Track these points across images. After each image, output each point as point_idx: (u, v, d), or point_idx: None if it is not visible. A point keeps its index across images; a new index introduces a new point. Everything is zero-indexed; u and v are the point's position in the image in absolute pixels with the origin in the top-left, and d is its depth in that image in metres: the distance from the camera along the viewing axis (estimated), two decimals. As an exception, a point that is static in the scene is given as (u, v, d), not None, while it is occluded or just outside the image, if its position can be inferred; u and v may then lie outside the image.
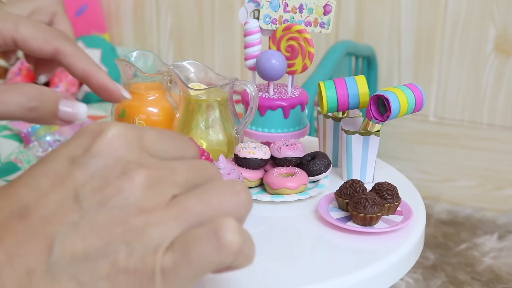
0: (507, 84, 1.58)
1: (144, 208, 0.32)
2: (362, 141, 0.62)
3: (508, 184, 1.63)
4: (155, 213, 0.32)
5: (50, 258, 0.30)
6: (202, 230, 0.32)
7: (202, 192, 0.33)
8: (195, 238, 0.32)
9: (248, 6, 0.66)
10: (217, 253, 0.31)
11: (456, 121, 1.65)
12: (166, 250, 0.31)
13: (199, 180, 0.35)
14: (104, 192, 0.31)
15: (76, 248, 0.31)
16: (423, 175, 1.70)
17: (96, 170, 0.32)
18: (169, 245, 0.32)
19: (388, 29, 1.65)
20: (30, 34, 0.48)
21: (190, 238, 0.32)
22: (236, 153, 0.60)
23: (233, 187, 0.34)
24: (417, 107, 0.60)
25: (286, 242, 0.53)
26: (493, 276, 1.31)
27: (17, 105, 0.44)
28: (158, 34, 1.91)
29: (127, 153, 0.33)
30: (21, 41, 0.48)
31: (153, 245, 0.31)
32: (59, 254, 0.30)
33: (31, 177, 0.33)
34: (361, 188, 0.56)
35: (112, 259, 0.31)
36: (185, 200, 0.33)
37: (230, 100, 0.64)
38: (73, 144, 0.34)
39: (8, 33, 0.48)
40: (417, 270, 1.32)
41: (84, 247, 0.31)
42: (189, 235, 0.32)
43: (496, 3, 1.53)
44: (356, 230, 0.53)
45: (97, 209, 0.31)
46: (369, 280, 0.48)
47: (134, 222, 0.31)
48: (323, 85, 0.62)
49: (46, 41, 0.48)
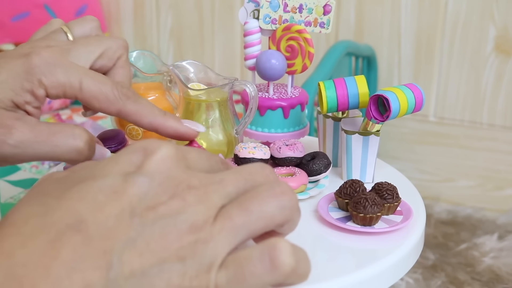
0: (507, 84, 1.58)
1: (195, 225, 0.32)
2: (362, 141, 0.62)
3: (508, 184, 1.63)
4: (204, 230, 0.32)
5: (109, 274, 0.30)
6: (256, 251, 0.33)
7: (243, 201, 0.34)
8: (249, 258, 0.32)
9: (248, 6, 0.66)
10: (270, 274, 0.32)
11: (456, 121, 1.65)
12: (220, 268, 0.32)
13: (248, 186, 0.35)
14: (158, 210, 0.32)
15: (133, 265, 0.31)
16: (423, 175, 1.70)
17: (151, 188, 0.33)
18: (221, 262, 0.32)
19: (388, 29, 1.65)
20: (92, 96, 0.49)
21: (244, 258, 0.33)
22: (236, 153, 0.60)
23: (273, 190, 0.34)
24: (417, 107, 0.60)
25: (286, 242, 0.53)
26: (493, 276, 1.31)
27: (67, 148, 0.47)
28: (158, 34, 1.91)
29: (177, 171, 0.34)
30: (84, 101, 0.49)
31: (206, 262, 0.32)
32: (118, 270, 0.31)
33: (86, 192, 0.33)
34: (361, 188, 0.56)
35: (168, 276, 0.31)
36: (228, 211, 0.33)
37: (230, 100, 0.64)
38: (124, 161, 0.34)
39: (72, 92, 0.49)
40: (417, 270, 1.32)
41: (141, 264, 0.31)
42: (243, 255, 0.33)
43: (496, 3, 1.53)
44: (356, 230, 0.53)
45: (152, 227, 0.32)
46: (369, 280, 0.48)
47: (187, 239, 0.32)
48: (323, 85, 0.62)
49: (109, 102, 0.49)
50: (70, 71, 0.49)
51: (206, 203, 0.33)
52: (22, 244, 0.31)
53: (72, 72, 0.49)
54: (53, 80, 0.48)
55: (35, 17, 1.76)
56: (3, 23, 1.74)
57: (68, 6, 1.80)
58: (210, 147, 0.63)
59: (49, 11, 1.77)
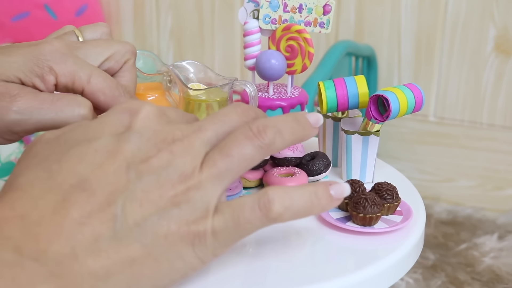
0: (507, 84, 1.58)
1: (184, 174, 0.36)
2: (362, 141, 0.62)
3: (508, 184, 1.63)
4: (193, 177, 0.36)
5: (115, 225, 0.34)
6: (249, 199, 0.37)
7: (223, 146, 0.37)
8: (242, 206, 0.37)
9: (247, 6, 0.66)
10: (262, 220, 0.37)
11: (456, 121, 1.65)
12: (215, 213, 0.36)
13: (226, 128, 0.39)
14: (150, 163, 0.36)
15: (135, 215, 0.34)
16: (423, 175, 1.70)
17: (141, 143, 0.36)
18: (216, 207, 0.36)
19: (388, 29, 1.65)
20: (100, 89, 0.50)
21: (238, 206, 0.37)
22: (235, 153, 0.60)
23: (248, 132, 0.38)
24: (417, 107, 0.60)
25: (286, 242, 0.53)
26: (493, 276, 1.31)
27: (71, 112, 0.48)
28: (158, 34, 1.91)
29: (161, 126, 0.38)
30: (89, 93, 0.50)
31: (201, 207, 0.36)
32: (123, 220, 0.34)
33: (84, 154, 0.36)
34: (360, 188, 0.56)
35: (167, 223, 0.35)
36: (212, 158, 0.37)
37: (230, 100, 0.64)
38: (113, 122, 0.38)
39: (80, 83, 0.50)
40: (417, 270, 1.32)
41: (142, 213, 0.35)
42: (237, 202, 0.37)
43: (496, 3, 1.53)
44: (355, 230, 0.53)
45: (147, 178, 0.35)
46: (369, 280, 0.48)
47: (179, 188, 0.36)
48: (322, 85, 0.62)
49: (114, 97, 0.51)
50: (81, 63, 0.50)
51: (191, 153, 0.36)
52: (34, 205, 0.34)
53: (82, 64, 0.50)
54: (63, 68, 0.49)
55: (35, 17, 1.76)
56: (3, 23, 1.74)
57: (68, 6, 1.80)
58: (210, 147, 0.63)
59: (49, 11, 1.77)
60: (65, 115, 0.47)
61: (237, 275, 0.46)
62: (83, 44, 0.53)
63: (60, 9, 1.79)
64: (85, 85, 0.50)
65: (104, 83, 0.50)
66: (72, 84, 0.50)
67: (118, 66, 0.54)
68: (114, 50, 0.54)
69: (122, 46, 0.55)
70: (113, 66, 0.54)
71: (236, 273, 0.47)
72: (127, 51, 0.55)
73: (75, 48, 0.52)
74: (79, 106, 0.48)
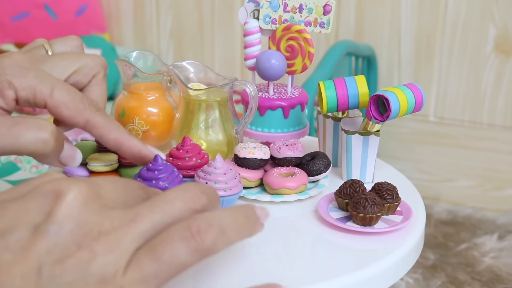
0: (507, 84, 1.58)
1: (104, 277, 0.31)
2: (362, 141, 0.62)
3: (508, 184, 1.63)
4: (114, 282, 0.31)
5: None
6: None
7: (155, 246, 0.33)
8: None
9: (248, 6, 0.66)
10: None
11: (456, 121, 1.65)
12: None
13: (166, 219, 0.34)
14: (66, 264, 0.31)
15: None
16: (423, 175, 1.70)
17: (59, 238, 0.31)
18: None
19: (388, 29, 1.65)
20: (63, 102, 0.47)
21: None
22: (236, 153, 0.60)
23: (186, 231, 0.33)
24: (417, 107, 0.60)
25: (286, 242, 0.53)
26: (493, 276, 1.31)
27: (32, 137, 0.44)
28: (158, 34, 1.91)
29: (89, 215, 0.32)
30: (52, 107, 0.48)
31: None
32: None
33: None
34: (361, 188, 0.56)
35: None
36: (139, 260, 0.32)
37: (230, 100, 0.64)
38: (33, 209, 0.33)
39: (42, 96, 0.47)
40: (417, 270, 1.32)
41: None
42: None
43: (496, 3, 1.53)
44: (356, 230, 0.53)
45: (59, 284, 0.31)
46: (369, 280, 0.48)
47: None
48: (322, 85, 0.62)
49: (78, 111, 0.48)
50: (42, 76, 0.48)
51: (116, 252, 0.32)
52: None
53: (44, 77, 0.48)
54: (23, 81, 0.47)
55: (35, 17, 1.76)
56: (3, 23, 1.74)
57: (68, 6, 1.80)
58: (210, 147, 0.63)
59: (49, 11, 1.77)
60: (25, 140, 0.44)
61: (237, 275, 0.46)
62: (49, 58, 0.51)
63: (60, 9, 1.79)
64: (47, 98, 0.47)
65: (67, 96, 0.47)
66: (34, 98, 0.47)
67: (86, 80, 0.52)
68: (82, 64, 0.52)
69: (91, 60, 0.52)
70: (81, 79, 0.52)
71: (236, 273, 0.47)
72: (96, 64, 0.53)
73: (41, 61, 0.50)
74: (40, 130, 0.44)
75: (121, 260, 0.32)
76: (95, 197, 0.34)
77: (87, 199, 0.33)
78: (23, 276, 0.31)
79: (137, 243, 0.33)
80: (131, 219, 0.33)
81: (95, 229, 0.32)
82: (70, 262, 0.31)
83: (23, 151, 0.44)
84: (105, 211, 0.33)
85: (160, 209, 0.34)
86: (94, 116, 0.49)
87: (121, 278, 0.31)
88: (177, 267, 0.33)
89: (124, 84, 0.66)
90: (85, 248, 0.31)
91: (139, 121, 0.64)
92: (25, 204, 0.33)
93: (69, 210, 0.32)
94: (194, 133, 0.63)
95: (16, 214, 0.33)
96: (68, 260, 0.31)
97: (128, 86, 0.65)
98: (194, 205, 0.35)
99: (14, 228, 0.32)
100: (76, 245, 0.32)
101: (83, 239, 0.32)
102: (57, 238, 0.31)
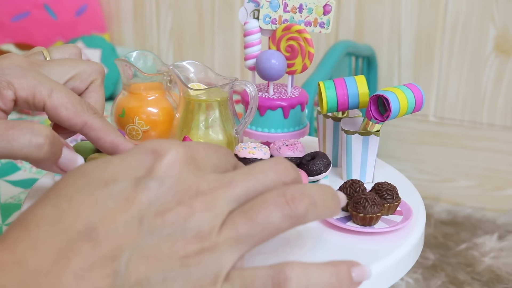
0: (507, 84, 1.58)
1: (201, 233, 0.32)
2: (362, 141, 0.62)
3: (508, 184, 1.63)
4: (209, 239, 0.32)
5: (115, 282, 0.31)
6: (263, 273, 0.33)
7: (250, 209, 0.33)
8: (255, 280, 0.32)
9: (248, 6, 0.66)
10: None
11: (456, 121, 1.65)
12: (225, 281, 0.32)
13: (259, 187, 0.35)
14: (165, 217, 0.32)
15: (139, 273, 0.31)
16: (423, 175, 1.70)
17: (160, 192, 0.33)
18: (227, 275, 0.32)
19: (388, 29, 1.65)
20: (61, 103, 0.48)
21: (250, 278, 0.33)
22: (236, 153, 0.60)
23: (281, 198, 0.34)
24: (417, 107, 0.60)
25: (286, 242, 0.53)
26: (493, 276, 1.31)
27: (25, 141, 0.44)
28: (158, 34, 1.91)
29: (187, 174, 0.34)
30: (51, 108, 0.48)
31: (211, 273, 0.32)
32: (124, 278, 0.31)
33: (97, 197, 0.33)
34: (360, 188, 0.56)
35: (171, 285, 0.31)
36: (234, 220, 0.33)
37: (230, 100, 0.64)
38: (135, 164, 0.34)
39: (41, 97, 0.48)
40: (417, 270, 1.32)
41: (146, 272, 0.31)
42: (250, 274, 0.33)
43: (496, 3, 1.53)
44: (356, 230, 0.53)
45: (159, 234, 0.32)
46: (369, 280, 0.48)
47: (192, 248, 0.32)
48: (322, 85, 0.62)
49: (77, 113, 0.49)
50: (41, 78, 0.48)
51: (213, 211, 0.33)
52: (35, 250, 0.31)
53: (43, 79, 0.48)
54: (23, 82, 0.47)
55: (35, 17, 1.76)
56: (3, 23, 1.74)
57: (68, 6, 1.80)
58: (210, 147, 0.63)
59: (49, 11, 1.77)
60: (18, 144, 0.44)
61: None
62: (47, 62, 0.51)
63: (60, 9, 1.79)
64: (46, 99, 0.48)
65: (66, 98, 0.48)
66: (33, 98, 0.47)
67: (84, 86, 0.53)
68: (80, 70, 0.52)
69: (89, 66, 0.53)
70: (79, 85, 0.52)
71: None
72: (94, 71, 0.53)
73: (39, 65, 0.50)
74: (34, 134, 0.44)
75: (217, 219, 0.33)
76: (191, 159, 0.35)
77: (185, 160, 0.34)
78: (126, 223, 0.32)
79: (231, 206, 0.34)
80: (227, 183, 0.34)
81: (193, 188, 0.33)
82: (170, 216, 0.32)
83: (17, 155, 0.44)
84: (202, 173, 0.35)
85: (254, 177, 0.35)
86: (92, 118, 0.50)
87: (216, 236, 0.32)
88: (270, 231, 0.33)
89: (124, 84, 0.66)
90: (183, 204, 0.33)
91: (139, 121, 0.65)
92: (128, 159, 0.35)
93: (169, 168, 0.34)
94: (194, 133, 0.63)
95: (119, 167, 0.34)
96: (168, 214, 0.32)
97: (128, 86, 0.65)
98: (285, 178, 0.36)
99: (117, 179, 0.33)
100: (176, 201, 0.33)
101: (182, 196, 0.33)
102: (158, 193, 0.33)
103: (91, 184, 0.33)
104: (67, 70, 0.52)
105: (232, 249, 0.33)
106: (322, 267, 0.34)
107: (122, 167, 0.34)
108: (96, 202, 0.32)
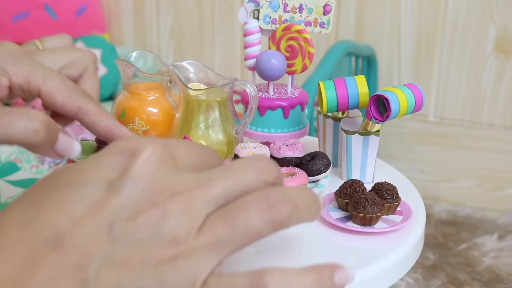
0: (507, 84, 1.58)
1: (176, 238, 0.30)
2: (362, 141, 0.62)
3: (508, 184, 1.63)
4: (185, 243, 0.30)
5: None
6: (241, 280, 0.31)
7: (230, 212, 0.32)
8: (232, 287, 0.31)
9: (247, 6, 0.66)
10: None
11: (456, 121, 1.65)
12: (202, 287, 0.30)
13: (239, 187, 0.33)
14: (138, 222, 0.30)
15: (109, 281, 0.30)
16: (423, 175, 1.70)
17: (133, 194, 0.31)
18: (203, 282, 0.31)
19: (388, 29, 1.65)
20: (56, 88, 0.48)
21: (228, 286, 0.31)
22: (236, 153, 0.60)
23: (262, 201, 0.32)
24: (417, 107, 0.60)
25: (286, 242, 0.53)
26: (493, 276, 1.31)
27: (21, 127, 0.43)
28: (158, 34, 1.91)
29: (162, 174, 0.32)
30: (46, 94, 0.48)
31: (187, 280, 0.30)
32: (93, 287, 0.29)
33: (66, 202, 0.31)
34: (360, 188, 0.56)
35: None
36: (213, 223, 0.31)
37: (230, 100, 0.64)
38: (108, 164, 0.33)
39: (36, 83, 0.48)
40: (417, 270, 1.32)
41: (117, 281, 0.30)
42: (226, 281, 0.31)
43: (496, 3, 1.53)
44: (356, 230, 0.53)
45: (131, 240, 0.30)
46: (369, 280, 0.48)
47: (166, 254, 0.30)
48: (322, 85, 0.62)
49: (71, 98, 0.49)
50: (35, 64, 0.48)
51: (189, 213, 0.31)
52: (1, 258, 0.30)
53: (37, 65, 0.48)
54: (17, 68, 0.47)
55: (35, 17, 1.76)
56: (3, 23, 1.74)
57: (68, 6, 1.80)
58: (210, 147, 0.63)
59: (49, 11, 1.77)
60: (14, 130, 0.43)
61: (237, 275, 0.46)
62: (40, 51, 0.52)
63: (60, 9, 1.79)
64: (41, 85, 0.48)
65: (60, 84, 0.48)
66: (28, 84, 0.48)
67: (77, 73, 0.53)
68: (73, 57, 0.53)
69: (82, 54, 0.53)
70: (72, 73, 0.53)
71: (236, 273, 0.47)
72: (87, 58, 0.53)
73: (32, 53, 0.50)
74: (30, 120, 0.43)
75: (194, 222, 0.31)
76: (169, 157, 0.33)
77: (162, 158, 0.32)
78: (94, 229, 0.30)
79: (209, 208, 0.32)
80: (205, 182, 0.32)
81: (168, 188, 0.31)
82: (142, 219, 0.30)
83: (13, 140, 0.44)
84: (179, 172, 0.33)
85: (234, 175, 0.33)
86: (86, 103, 0.50)
87: (193, 241, 0.31)
88: (250, 236, 0.32)
89: (124, 84, 0.66)
90: (157, 206, 0.31)
91: (139, 121, 0.65)
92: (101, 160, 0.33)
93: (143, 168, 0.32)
94: (194, 133, 0.63)
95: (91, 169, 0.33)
96: (140, 217, 0.31)
97: (128, 86, 0.65)
98: (267, 177, 0.34)
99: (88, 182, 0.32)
100: (149, 203, 0.31)
101: (156, 198, 0.31)
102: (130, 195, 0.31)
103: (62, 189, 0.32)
104: (60, 58, 0.52)
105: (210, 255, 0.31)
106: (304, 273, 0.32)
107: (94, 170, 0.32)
108: (65, 207, 0.31)
